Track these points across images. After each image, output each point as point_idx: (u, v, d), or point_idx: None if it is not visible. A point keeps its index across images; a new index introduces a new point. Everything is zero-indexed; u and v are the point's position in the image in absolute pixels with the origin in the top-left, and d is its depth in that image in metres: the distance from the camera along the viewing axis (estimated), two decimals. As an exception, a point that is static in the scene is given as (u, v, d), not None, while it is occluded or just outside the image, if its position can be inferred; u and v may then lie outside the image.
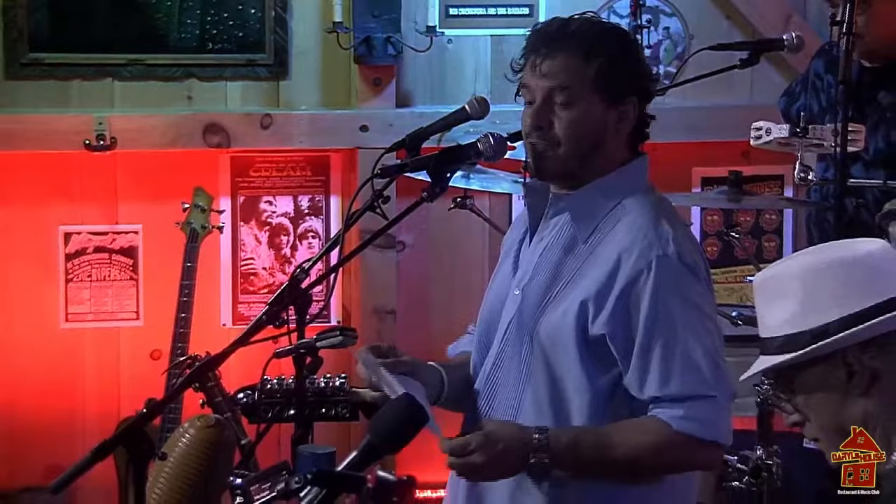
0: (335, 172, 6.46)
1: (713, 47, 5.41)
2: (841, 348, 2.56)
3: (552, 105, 3.34)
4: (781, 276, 2.66)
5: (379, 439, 2.85)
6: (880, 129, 5.38)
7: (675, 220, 3.36)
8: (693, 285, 3.26)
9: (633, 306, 3.22)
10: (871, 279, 2.58)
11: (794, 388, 2.63)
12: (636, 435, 3.25)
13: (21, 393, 6.24)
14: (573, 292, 3.29)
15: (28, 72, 6.15)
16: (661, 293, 3.21)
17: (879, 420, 2.57)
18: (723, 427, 3.25)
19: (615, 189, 3.36)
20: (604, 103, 3.33)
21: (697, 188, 6.40)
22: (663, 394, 3.21)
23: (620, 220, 3.31)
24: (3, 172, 6.19)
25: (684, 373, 3.20)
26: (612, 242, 3.29)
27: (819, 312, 2.57)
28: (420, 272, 6.50)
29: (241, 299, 6.40)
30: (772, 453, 4.85)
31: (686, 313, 3.22)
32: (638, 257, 3.23)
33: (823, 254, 2.66)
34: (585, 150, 3.35)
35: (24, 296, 6.24)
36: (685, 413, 3.19)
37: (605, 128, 3.34)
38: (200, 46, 6.25)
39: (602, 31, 3.39)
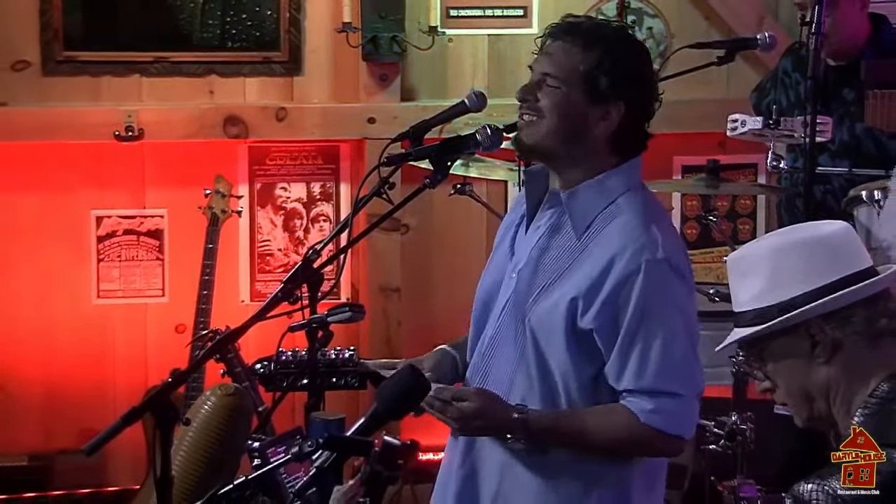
0: (344, 161, 6.45)
1: (692, 46, 5.40)
2: (805, 320, 2.56)
3: (542, 85, 3.30)
4: (751, 255, 2.67)
5: (385, 407, 2.85)
6: (845, 123, 5.38)
7: (665, 221, 3.34)
8: (679, 288, 3.24)
9: (622, 305, 3.20)
10: (833, 257, 2.58)
11: (764, 358, 2.64)
12: (608, 424, 3.25)
13: (57, 363, 6.24)
14: (565, 285, 3.26)
15: (63, 69, 6.15)
16: (649, 295, 3.19)
17: (840, 385, 2.57)
18: (686, 423, 3.25)
19: (610, 188, 3.30)
20: (587, 98, 3.27)
21: (678, 175, 6.40)
22: (637, 386, 3.20)
23: (614, 219, 3.27)
24: (39, 161, 6.19)
25: (659, 370, 3.19)
26: (606, 242, 3.25)
27: (785, 288, 2.57)
28: (423, 253, 6.50)
29: (259, 278, 6.40)
30: (746, 418, 4.86)
31: (669, 316, 3.20)
32: (629, 260, 3.20)
33: (789, 235, 2.66)
34: (566, 132, 3.29)
35: (59, 274, 6.24)
36: (654, 407, 3.19)
37: (586, 120, 3.28)
38: (221, 45, 6.25)
39: (610, 33, 3.33)
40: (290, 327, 3.51)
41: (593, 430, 3.26)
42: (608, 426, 3.25)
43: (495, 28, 6.47)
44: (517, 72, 5.95)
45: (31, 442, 6.20)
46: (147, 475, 5.44)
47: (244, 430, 3.98)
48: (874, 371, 2.55)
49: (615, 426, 3.24)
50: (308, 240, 6.39)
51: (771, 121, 5.06)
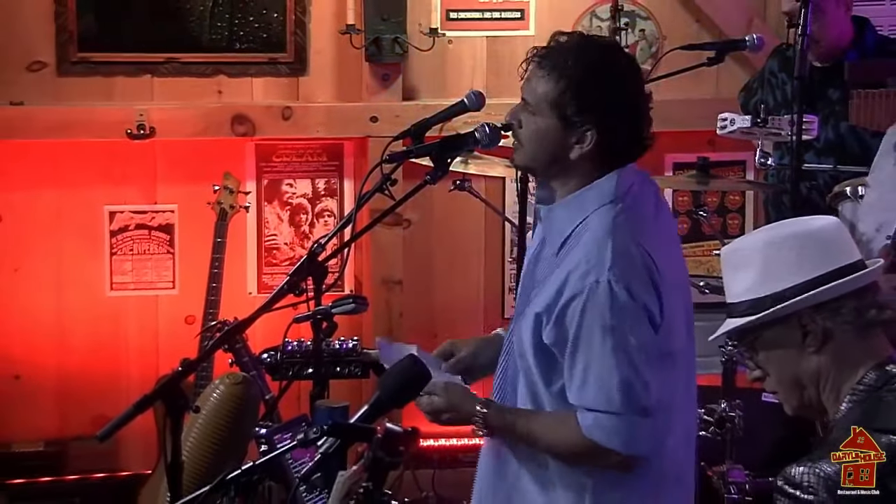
0: (348, 158, 6.45)
1: (684, 47, 5.40)
2: (797, 311, 2.56)
3: (525, 110, 3.30)
4: (744, 249, 2.67)
5: (387, 395, 2.85)
6: (830, 121, 5.38)
7: (626, 240, 3.21)
8: (618, 312, 3.15)
9: (568, 324, 3.18)
10: (824, 251, 2.58)
11: (756, 347, 2.64)
12: (556, 431, 3.25)
13: (72, 353, 6.24)
14: (537, 301, 3.26)
15: (77, 69, 6.14)
16: (588, 318, 3.15)
17: (830, 374, 2.57)
18: (626, 439, 3.17)
19: (585, 204, 3.26)
20: (560, 123, 3.23)
21: (670, 172, 6.40)
22: (579, 403, 3.19)
23: (583, 236, 3.23)
24: (55, 158, 6.18)
25: (597, 390, 3.16)
26: (569, 259, 3.22)
27: (777, 279, 2.57)
28: (424, 246, 6.49)
29: (265, 271, 6.40)
30: (735, 406, 4.85)
31: (605, 339, 3.15)
32: (578, 280, 3.17)
33: (781, 229, 2.66)
34: (543, 157, 3.28)
35: (74, 267, 6.24)
36: (593, 422, 3.17)
37: (562, 144, 3.25)
38: (229, 46, 6.24)
39: (582, 58, 3.25)
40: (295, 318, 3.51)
41: (543, 435, 3.27)
42: (556, 433, 3.26)
43: (493, 30, 6.46)
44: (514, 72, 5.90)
45: (47, 428, 6.20)
46: (158, 460, 5.44)
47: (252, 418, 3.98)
48: (862, 360, 2.55)
49: (562, 434, 3.24)
50: (313, 234, 6.39)
51: (759, 120, 5.06)
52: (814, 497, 2.36)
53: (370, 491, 2.63)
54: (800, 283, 2.55)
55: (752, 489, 4.78)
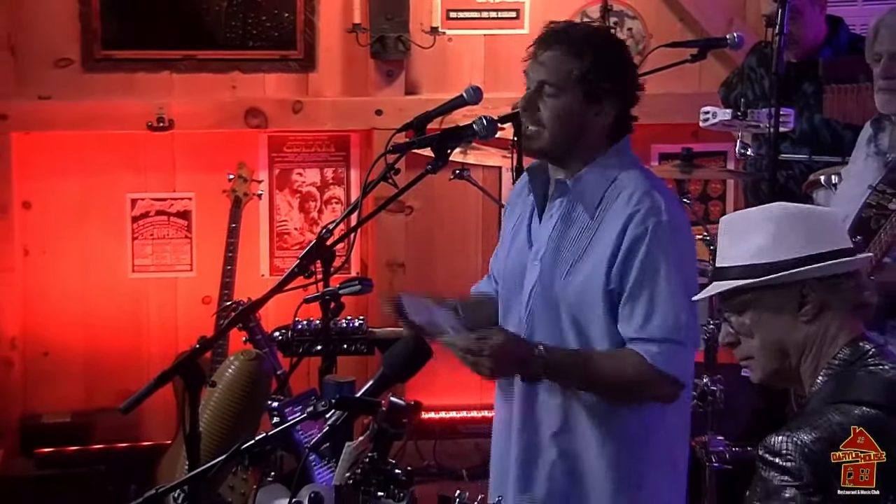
0: (354, 149, 6.44)
1: (668, 45, 5.39)
2: (803, 279, 2.55)
3: (541, 94, 3.30)
4: (754, 217, 2.64)
5: (391, 371, 2.85)
6: (805, 114, 5.37)
7: (662, 186, 3.33)
8: (681, 248, 3.25)
9: (633, 263, 3.20)
10: (832, 230, 2.59)
11: (745, 309, 2.60)
12: (618, 363, 3.24)
13: (97, 331, 6.24)
14: (591, 258, 3.26)
15: (101, 66, 6.14)
16: (654, 253, 3.19)
17: (815, 346, 2.56)
18: (684, 368, 3.26)
19: (609, 168, 3.31)
20: (584, 99, 3.27)
21: (655, 162, 6.38)
22: (643, 335, 3.20)
23: (620, 193, 3.26)
24: (80, 149, 6.18)
25: (664, 319, 3.19)
26: (617, 213, 3.25)
27: (789, 247, 2.55)
28: (425, 231, 6.49)
29: (277, 254, 6.40)
30: (716, 381, 4.86)
31: (672, 273, 3.20)
32: (637, 224, 3.20)
33: (789, 206, 2.65)
34: (567, 135, 3.30)
35: (98, 251, 6.24)
36: (659, 350, 3.19)
37: (583, 120, 3.29)
38: (243, 44, 6.24)
39: (596, 37, 3.33)
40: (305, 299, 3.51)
41: (604, 367, 3.25)
42: (618, 364, 3.24)
43: (490, 29, 6.45)
44: (510, 68, 5.93)
45: (74, 401, 6.21)
46: (177, 431, 5.44)
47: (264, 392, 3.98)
48: (841, 335, 2.55)
49: (625, 364, 3.22)
50: (321, 220, 6.38)
51: (739, 113, 5.07)
52: (792, 464, 2.35)
53: (375, 460, 2.63)
54: (811, 254, 2.54)
55: (732, 458, 4.78)
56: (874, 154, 4.03)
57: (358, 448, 2.63)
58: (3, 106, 6.02)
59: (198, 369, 3.03)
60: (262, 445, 2.75)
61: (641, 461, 3.32)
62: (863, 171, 4.04)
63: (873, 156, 4.03)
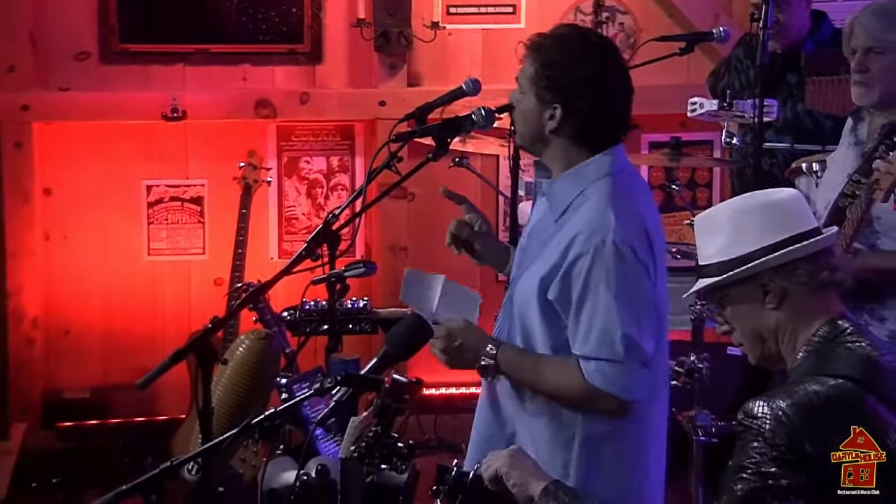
0: (359, 138, 6.44)
1: (658, 39, 5.37)
2: (758, 271, 2.56)
3: (517, 92, 3.31)
4: (715, 217, 2.67)
5: (394, 349, 2.85)
6: (788, 104, 5.36)
7: (624, 207, 3.20)
8: (624, 271, 3.13)
9: (573, 282, 3.15)
10: (784, 219, 2.59)
11: (724, 304, 2.64)
12: (559, 374, 3.21)
13: (114, 311, 6.25)
14: (540, 263, 3.24)
15: (118, 59, 6.15)
16: (594, 274, 3.13)
17: (787, 328, 2.58)
18: (624, 385, 3.15)
19: (584, 177, 3.24)
20: (536, 101, 3.24)
21: (645, 150, 6.38)
22: (582, 352, 3.15)
23: (583, 205, 3.21)
24: (98, 138, 6.18)
25: (600, 340, 3.13)
26: (572, 225, 3.20)
27: (743, 244, 2.58)
28: (426, 217, 6.47)
29: (285, 238, 6.39)
30: (702, 358, 4.85)
31: (610, 293, 3.12)
32: (583, 242, 3.14)
33: (748, 200, 2.66)
34: (528, 135, 3.29)
35: (115, 235, 6.24)
36: (595, 369, 3.13)
37: (537, 122, 3.25)
38: (253, 38, 6.23)
39: (555, 43, 3.25)
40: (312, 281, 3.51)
41: (547, 376, 3.23)
42: (560, 375, 3.21)
43: (488, 23, 6.44)
44: (507, 61, 5.92)
45: (93, 377, 6.21)
46: (191, 406, 5.44)
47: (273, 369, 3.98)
48: (816, 315, 2.56)
49: (565, 377, 3.19)
50: (328, 206, 6.38)
51: (725, 104, 5.06)
52: (766, 426, 2.37)
53: (379, 434, 2.63)
54: (762, 247, 2.56)
55: (717, 431, 4.78)
56: (853, 144, 4.03)
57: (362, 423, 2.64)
58: (25, 97, 6.01)
59: (210, 348, 3.03)
60: (272, 420, 2.75)
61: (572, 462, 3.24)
62: (844, 160, 4.04)
63: (853, 146, 4.03)
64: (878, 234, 3.78)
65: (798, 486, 2.34)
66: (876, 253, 3.80)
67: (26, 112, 6.02)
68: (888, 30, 3.86)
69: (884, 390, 2.44)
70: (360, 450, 2.62)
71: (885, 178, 3.58)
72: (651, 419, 3.32)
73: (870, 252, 3.78)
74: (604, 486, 3.25)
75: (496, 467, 2.57)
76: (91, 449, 5.86)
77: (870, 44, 3.88)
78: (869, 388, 2.43)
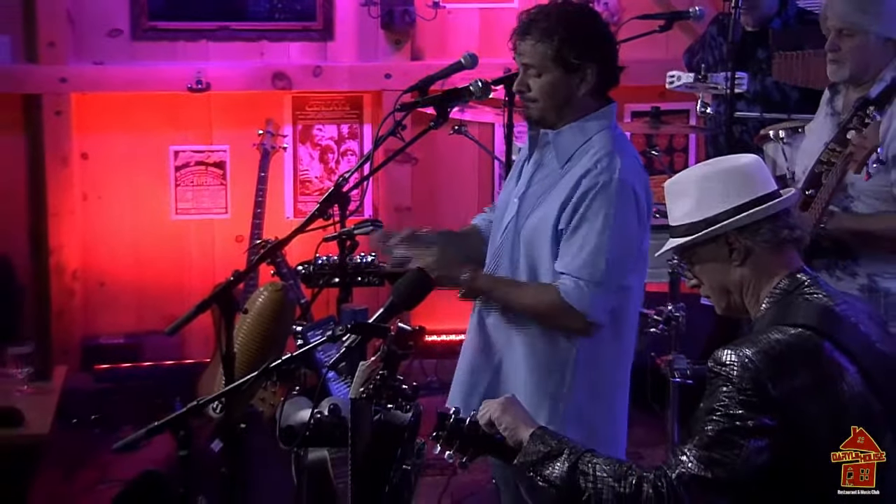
0: (367, 108, 6.41)
1: (639, 17, 5.35)
2: (724, 232, 2.55)
3: (528, 75, 3.30)
4: (683, 181, 2.66)
5: (399, 300, 2.84)
6: (758, 77, 5.34)
7: (628, 153, 3.29)
8: (623, 206, 3.19)
9: (579, 207, 3.18)
10: (746, 183, 2.56)
11: (693, 261, 2.64)
12: (536, 294, 3.25)
13: (145, 265, 6.25)
14: (549, 201, 3.25)
15: (147, 36, 6.12)
16: (598, 205, 3.17)
17: (751, 282, 2.57)
18: (595, 307, 3.19)
19: (587, 130, 3.28)
20: (564, 72, 3.24)
21: (628, 119, 6.36)
22: (566, 269, 3.19)
23: (589, 151, 3.25)
24: (130, 108, 6.17)
25: (588, 260, 3.17)
26: (580, 166, 3.23)
27: (709, 207, 2.56)
28: (429, 179, 6.48)
29: (300, 199, 6.38)
30: (679, 308, 4.85)
31: (608, 224, 3.17)
32: (592, 178, 3.19)
33: (713, 166, 2.64)
34: (557, 104, 3.28)
35: (145, 196, 6.23)
36: (574, 286, 3.17)
37: (568, 88, 3.26)
38: (270, 16, 6.21)
39: (560, 16, 3.26)
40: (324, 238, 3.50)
41: (521, 296, 3.27)
42: (535, 295, 3.25)
43: (485, 3, 6.41)
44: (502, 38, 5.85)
45: (127, 325, 6.22)
46: (215, 352, 5.44)
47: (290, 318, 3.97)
48: (777, 271, 2.55)
49: (540, 295, 3.23)
50: (338, 170, 6.37)
51: (700, 76, 5.05)
52: (734, 372, 2.36)
53: (385, 377, 2.63)
54: (726, 209, 2.54)
55: (693, 374, 4.78)
56: (830, 115, 4.01)
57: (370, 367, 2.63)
58: (64, 70, 5.99)
59: (232, 298, 3.03)
60: (288, 364, 2.75)
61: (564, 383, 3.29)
62: (820, 129, 4.03)
63: (829, 116, 4.01)
64: (852, 199, 3.78)
65: (763, 426, 2.34)
66: (851, 215, 3.79)
67: (65, 84, 6.00)
68: (857, 12, 3.83)
69: (839, 337, 2.44)
70: (369, 391, 2.61)
71: (860, 150, 3.57)
72: (630, 347, 3.39)
73: (845, 214, 3.77)
74: (592, 409, 3.29)
75: (489, 413, 2.57)
76: (125, 389, 5.86)
77: (840, 25, 3.86)
78: (826, 335, 2.43)
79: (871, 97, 3.81)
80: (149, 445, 2.74)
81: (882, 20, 3.82)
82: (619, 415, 3.40)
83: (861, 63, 3.85)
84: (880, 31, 3.81)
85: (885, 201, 3.77)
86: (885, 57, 3.83)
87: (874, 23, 3.81)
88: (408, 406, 2.64)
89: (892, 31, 3.82)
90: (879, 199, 3.78)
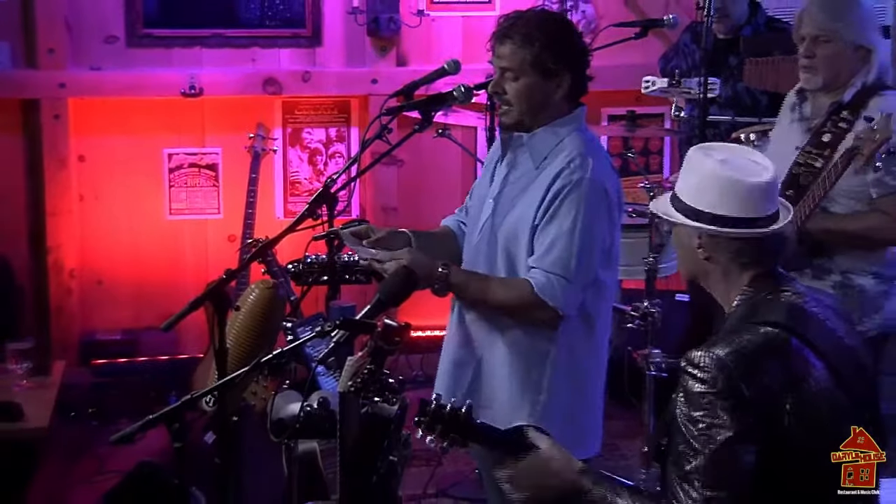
0: (354, 112, 6.41)
1: (616, 25, 5.35)
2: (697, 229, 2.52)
3: (505, 79, 3.29)
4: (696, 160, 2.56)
5: (385, 297, 2.84)
6: (729, 82, 5.35)
7: (599, 154, 3.29)
8: (595, 204, 3.18)
9: (553, 204, 3.19)
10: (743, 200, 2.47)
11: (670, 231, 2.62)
12: (508, 288, 3.25)
13: (141, 264, 6.23)
14: (526, 200, 3.25)
15: (142, 42, 6.10)
16: (568, 201, 3.17)
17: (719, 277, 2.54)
18: (565, 301, 3.20)
19: (559, 132, 3.28)
20: (542, 77, 3.24)
21: (605, 122, 6.38)
22: (538, 264, 3.19)
23: (562, 151, 3.25)
24: (126, 112, 6.14)
25: (559, 255, 3.17)
26: (555, 166, 3.23)
27: (699, 199, 2.50)
28: (414, 181, 6.47)
29: (290, 200, 6.37)
30: (654, 304, 4.87)
31: (579, 221, 3.17)
32: (566, 176, 3.19)
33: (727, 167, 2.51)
34: (532, 107, 3.28)
35: (140, 197, 6.21)
36: (546, 280, 3.17)
37: (544, 93, 3.26)
38: (261, 24, 6.19)
39: (540, 23, 3.26)
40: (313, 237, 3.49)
41: (495, 290, 3.26)
42: (507, 289, 3.25)
43: (467, 11, 6.41)
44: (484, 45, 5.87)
45: (123, 321, 6.20)
46: (208, 347, 5.42)
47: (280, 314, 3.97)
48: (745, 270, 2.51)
49: (513, 288, 3.23)
50: (327, 171, 6.36)
51: (674, 81, 5.06)
52: (708, 374, 2.34)
53: (373, 371, 2.63)
54: (709, 212, 2.48)
55: (667, 367, 4.80)
56: (798, 120, 4.01)
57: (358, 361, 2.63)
58: (62, 75, 5.97)
59: (225, 296, 3.03)
60: (279, 359, 2.75)
61: (545, 377, 3.29)
62: (788, 134, 4.02)
63: (798, 121, 4.01)
64: (830, 199, 3.78)
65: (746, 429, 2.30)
66: (829, 215, 3.80)
67: (63, 89, 5.98)
68: (833, 20, 3.84)
69: (807, 334, 2.42)
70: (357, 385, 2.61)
71: (868, 144, 3.56)
72: (604, 340, 3.39)
73: (823, 214, 3.78)
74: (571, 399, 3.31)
75: None
76: (122, 383, 5.86)
77: (815, 32, 3.86)
78: (794, 332, 2.40)
79: (845, 101, 3.82)
80: (145, 438, 2.73)
81: (854, 28, 3.83)
82: (596, 405, 3.41)
83: (834, 70, 3.86)
84: (853, 39, 3.82)
85: (860, 201, 3.78)
86: (856, 63, 3.83)
87: (848, 30, 3.82)
88: (394, 399, 2.64)
89: (864, 39, 3.83)
90: (855, 199, 3.79)
